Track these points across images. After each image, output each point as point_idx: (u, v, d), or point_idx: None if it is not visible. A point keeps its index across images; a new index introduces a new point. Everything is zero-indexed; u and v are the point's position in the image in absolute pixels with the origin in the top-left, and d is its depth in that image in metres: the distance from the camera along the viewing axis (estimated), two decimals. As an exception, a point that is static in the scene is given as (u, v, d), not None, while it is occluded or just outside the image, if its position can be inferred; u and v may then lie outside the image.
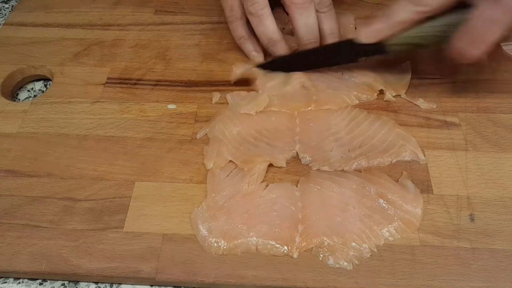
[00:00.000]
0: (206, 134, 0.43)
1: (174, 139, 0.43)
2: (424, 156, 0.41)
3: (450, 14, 0.40)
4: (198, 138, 0.43)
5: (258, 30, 0.46)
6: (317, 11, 0.45)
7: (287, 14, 0.46)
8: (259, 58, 0.48)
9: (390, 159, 0.41)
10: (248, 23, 0.47)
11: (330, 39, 0.47)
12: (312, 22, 0.45)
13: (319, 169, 0.40)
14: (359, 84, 0.46)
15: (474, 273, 0.34)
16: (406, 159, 0.41)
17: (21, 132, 0.44)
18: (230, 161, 0.41)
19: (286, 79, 0.46)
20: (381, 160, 0.41)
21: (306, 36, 0.45)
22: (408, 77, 0.47)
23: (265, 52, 0.49)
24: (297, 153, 0.41)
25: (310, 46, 0.46)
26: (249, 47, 0.49)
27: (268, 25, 0.46)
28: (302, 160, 0.41)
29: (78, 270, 0.35)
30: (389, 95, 0.46)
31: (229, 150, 0.41)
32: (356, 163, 0.40)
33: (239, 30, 0.49)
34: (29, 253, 0.36)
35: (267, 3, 0.45)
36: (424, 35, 0.41)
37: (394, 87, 0.46)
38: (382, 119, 0.43)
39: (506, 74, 0.48)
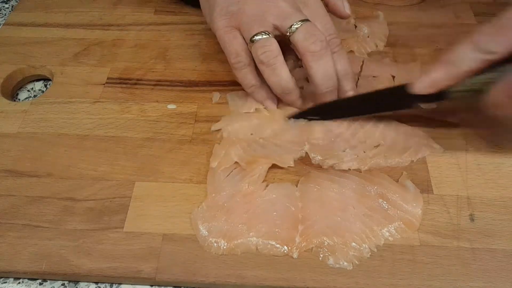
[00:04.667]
0: (216, 130, 0.43)
1: (174, 139, 0.43)
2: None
3: None
4: (212, 130, 0.43)
5: (270, 80, 0.42)
6: None
7: (298, 59, 0.42)
8: (273, 105, 0.44)
9: (410, 158, 0.41)
10: (256, 68, 0.43)
11: (345, 81, 0.43)
12: (331, 70, 0.41)
13: (332, 166, 0.40)
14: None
15: (474, 273, 0.34)
16: (425, 154, 0.41)
17: (21, 132, 0.44)
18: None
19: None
20: (400, 160, 0.41)
21: (325, 84, 0.41)
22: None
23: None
24: (306, 153, 0.41)
25: (329, 94, 0.42)
26: (263, 95, 0.44)
27: (282, 75, 0.41)
28: (313, 160, 0.41)
29: (78, 270, 0.35)
30: None
31: (236, 150, 0.41)
32: (371, 162, 0.40)
33: (248, 78, 0.43)
34: (29, 253, 0.36)
35: (279, 50, 0.41)
36: (487, 81, 0.36)
37: None
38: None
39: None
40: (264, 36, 0.41)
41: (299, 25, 0.40)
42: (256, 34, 0.41)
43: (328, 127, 0.43)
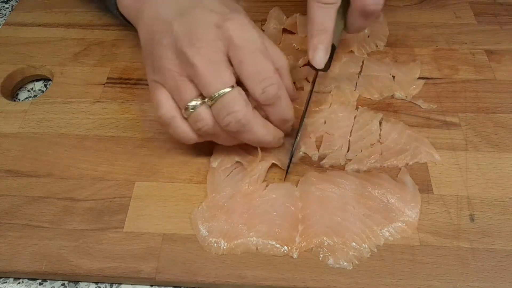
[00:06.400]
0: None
1: (174, 139, 0.43)
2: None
3: None
4: None
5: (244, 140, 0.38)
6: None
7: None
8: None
9: (406, 161, 0.41)
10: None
11: (284, 128, 0.40)
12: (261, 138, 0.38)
13: (332, 166, 0.40)
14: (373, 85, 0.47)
15: (474, 273, 0.34)
16: (422, 161, 0.41)
17: (21, 132, 0.44)
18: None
19: None
20: (395, 162, 0.41)
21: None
22: (418, 77, 0.48)
23: None
24: (306, 153, 0.41)
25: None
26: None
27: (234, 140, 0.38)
28: (312, 156, 0.41)
29: (78, 270, 0.35)
30: (399, 95, 0.46)
31: (237, 150, 0.41)
32: (368, 163, 0.40)
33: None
34: (29, 253, 0.36)
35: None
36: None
37: (405, 90, 0.46)
38: (391, 120, 0.43)
39: (506, 74, 0.48)
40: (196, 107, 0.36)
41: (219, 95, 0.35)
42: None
43: (335, 123, 0.43)
